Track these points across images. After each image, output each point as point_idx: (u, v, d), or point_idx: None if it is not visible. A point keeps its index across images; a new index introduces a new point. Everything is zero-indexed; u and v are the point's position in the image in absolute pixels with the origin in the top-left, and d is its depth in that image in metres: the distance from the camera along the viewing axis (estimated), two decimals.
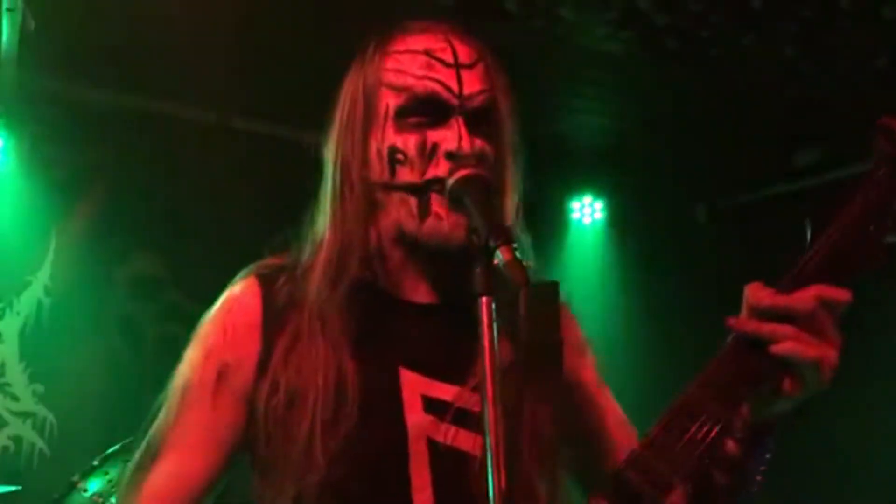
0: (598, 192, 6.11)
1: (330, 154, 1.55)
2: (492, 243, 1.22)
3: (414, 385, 1.44)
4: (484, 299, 1.20)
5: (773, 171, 5.52)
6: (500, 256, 1.20)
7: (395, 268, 1.52)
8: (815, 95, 4.73)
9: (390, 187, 1.47)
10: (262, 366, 1.45)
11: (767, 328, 1.23)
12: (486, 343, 1.18)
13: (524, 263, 1.20)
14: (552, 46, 4.25)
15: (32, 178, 4.54)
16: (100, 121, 4.56)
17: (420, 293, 1.51)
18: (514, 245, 1.22)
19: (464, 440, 1.41)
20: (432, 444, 1.41)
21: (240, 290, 1.55)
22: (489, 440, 1.15)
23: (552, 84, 4.57)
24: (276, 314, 1.49)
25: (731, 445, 1.28)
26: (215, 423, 1.46)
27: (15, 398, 4.44)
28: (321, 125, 1.65)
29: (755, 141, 5.16)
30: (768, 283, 1.26)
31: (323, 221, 1.53)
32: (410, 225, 1.45)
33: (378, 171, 1.48)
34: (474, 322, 1.19)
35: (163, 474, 1.45)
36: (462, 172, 1.40)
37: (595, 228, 6.12)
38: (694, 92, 4.77)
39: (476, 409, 1.35)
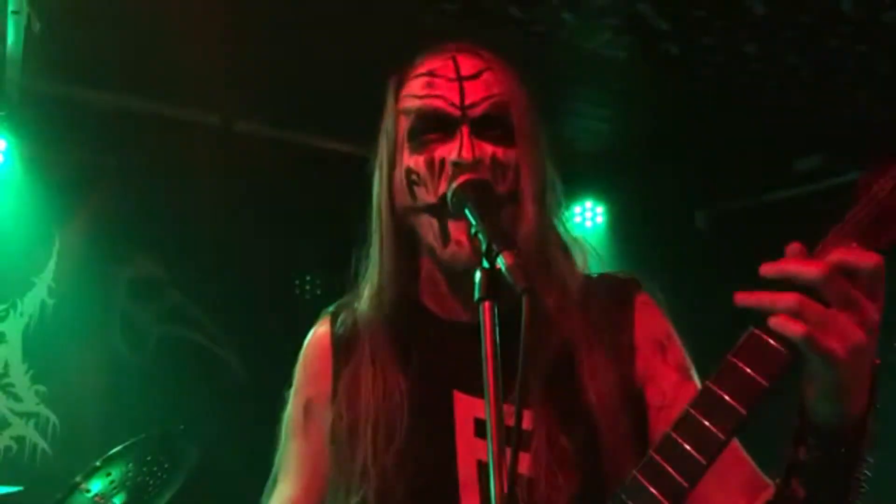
0: (599, 197, 6.12)
1: (372, 187, 1.58)
2: (494, 248, 1.22)
3: (467, 408, 1.46)
4: (486, 304, 1.21)
5: (773, 177, 5.53)
6: (502, 261, 1.20)
7: (443, 290, 1.54)
8: (815, 102, 4.74)
9: (414, 210, 1.49)
10: (334, 397, 1.55)
11: (767, 298, 1.09)
12: (488, 347, 1.18)
13: (526, 268, 1.19)
14: (555, 51, 4.26)
15: (36, 179, 4.54)
16: (103, 123, 4.56)
17: (469, 313, 1.49)
18: (516, 250, 1.22)
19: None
20: (482, 467, 1.41)
21: (316, 328, 1.65)
22: (491, 445, 1.14)
23: (554, 89, 4.58)
24: (342, 348, 1.58)
25: (802, 452, 1.17)
26: (308, 452, 1.58)
27: (18, 399, 4.44)
28: (322, 129, 1.68)
29: (756, 147, 5.16)
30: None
31: (369, 253, 1.57)
32: (437, 249, 1.47)
33: (402, 196, 1.51)
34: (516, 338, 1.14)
35: (277, 501, 1.61)
36: (461, 179, 1.41)
37: (596, 233, 6.13)
38: (695, 98, 4.78)
39: (525, 427, 1.36)
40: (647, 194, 5.75)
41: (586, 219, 6.14)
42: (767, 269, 1.10)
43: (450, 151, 1.44)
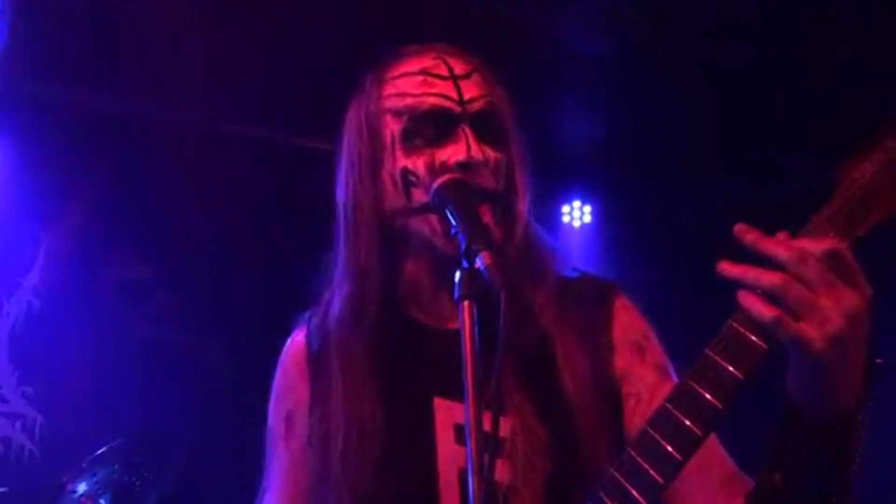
0: (588, 196, 6.13)
1: (340, 192, 1.55)
2: (473, 247, 1.23)
3: (448, 415, 1.45)
4: (465, 303, 1.21)
5: (761, 176, 5.54)
6: (481, 260, 1.20)
7: (427, 296, 1.53)
8: (805, 101, 4.74)
9: (409, 210, 1.48)
10: (312, 406, 1.53)
11: (752, 272, 1.09)
12: (466, 346, 1.18)
13: (511, 266, 1.21)
14: (542, 51, 4.27)
15: (22, 180, 4.52)
16: (89, 124, 4.55)
17: (454, 319, 1.44)
18: (494, 249, 1.23)
19: (496, 468, 1.31)
20: (463, 475, 1.36)
21: (292, 336, 1.63)
22: (470, 445, 1.14)
23: (542, 89, 4.58)
24: (318, 355, 1.56)
25: (785, 445, 1.16)
26: (292, 463, 1.56)
27: (4, 400, 4.43)
28: (310, 130, 1.66)
29: (744, 145, 5.17)
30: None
31: (340, 258, 1.55)
32: (438, 242, 1.46)
33: (394, 197, 1.49)
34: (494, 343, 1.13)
35: None
36: (442, 179, 1.42)
37: (584, 232, 6.14)
38: (682, 97, 4.78)
39: (503, 435, 1.36)
40: (635, 193, 5.75)
41: (574, 218, 6.14)
42: (748, 236, 1.10)
43: (455, 153, 1.44)
